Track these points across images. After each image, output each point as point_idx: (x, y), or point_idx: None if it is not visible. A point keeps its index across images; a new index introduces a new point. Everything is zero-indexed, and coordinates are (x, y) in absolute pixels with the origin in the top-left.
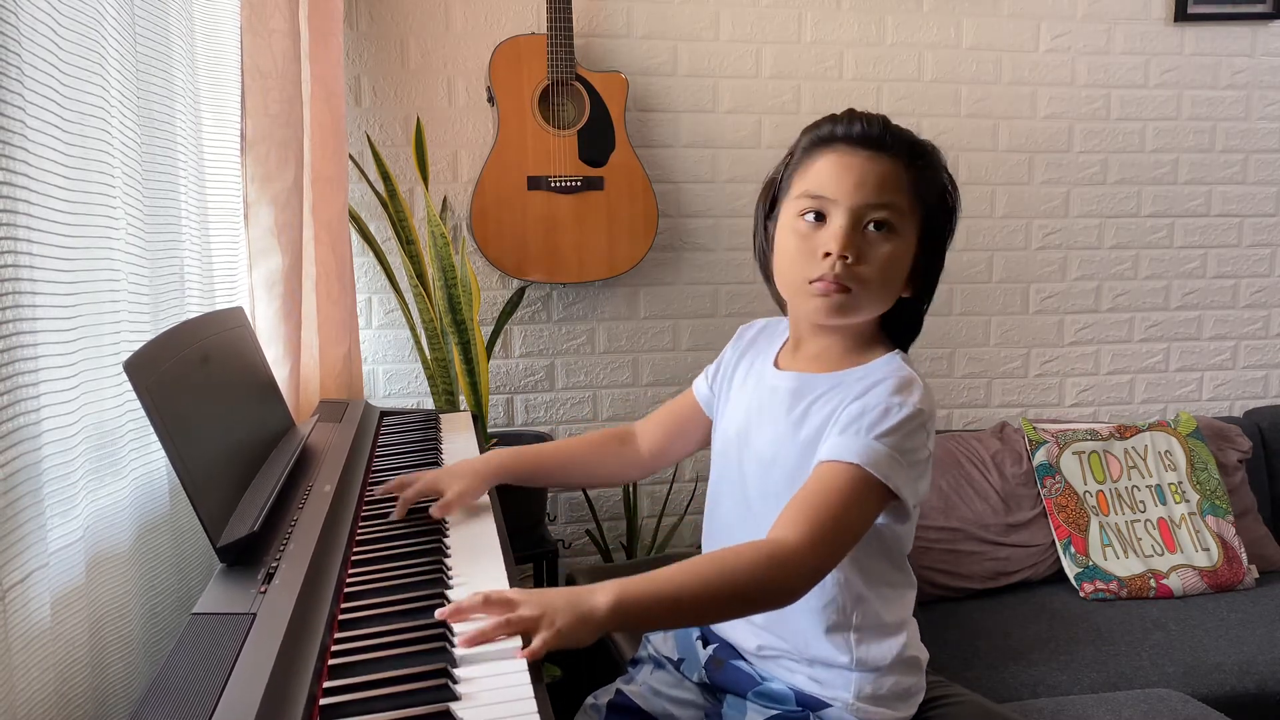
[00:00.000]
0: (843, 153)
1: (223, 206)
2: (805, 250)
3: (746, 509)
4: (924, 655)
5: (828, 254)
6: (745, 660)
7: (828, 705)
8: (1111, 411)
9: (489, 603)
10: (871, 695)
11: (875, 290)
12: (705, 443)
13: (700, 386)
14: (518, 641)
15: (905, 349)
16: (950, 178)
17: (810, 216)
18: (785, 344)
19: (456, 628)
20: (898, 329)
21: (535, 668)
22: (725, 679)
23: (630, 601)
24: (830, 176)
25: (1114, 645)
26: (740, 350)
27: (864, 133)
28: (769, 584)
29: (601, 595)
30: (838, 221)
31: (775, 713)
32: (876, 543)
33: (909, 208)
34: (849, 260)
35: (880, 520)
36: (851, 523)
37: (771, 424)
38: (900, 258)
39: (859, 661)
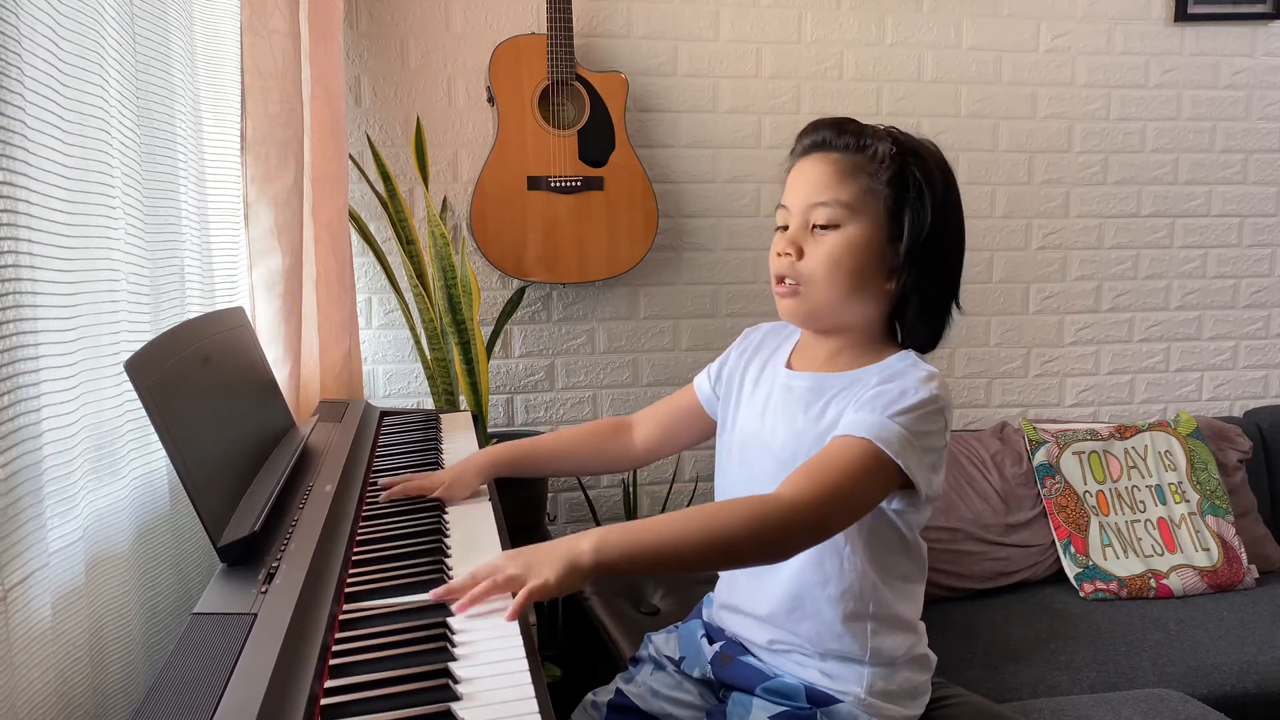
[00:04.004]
0: (800, 163)
1: (223, 206)
2: (772, 256)
3: None
4: (933, 657)
5: (779, 255)
6: (754, 656)
7: (838, 701)
8: (1111, 411)
9: (476, 576)
10: (883, 690)
11: (821, 285)
12: (701, 439)
13: (702, 385)
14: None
15: (924, 350)
16: (922, 165)
17: (780, 228)
18: (797, 345)
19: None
20: (910, 330)
21: (536, 667)
22: (732, 675)
23: (614, 542)
24: (789, 188)
25: (1114, 645)
26: (746, 353)
27: (814, 140)
28: (761, 534)
29: (585, 540)
30: (789, 224)
31: (783, 709)
32: (892, 534)
33: (858, 200)
34: (793, 258)
35: (895, 506)
36: (856, 493)
37: (788, 422)
38: (848, 250)
39: (874, 653)
